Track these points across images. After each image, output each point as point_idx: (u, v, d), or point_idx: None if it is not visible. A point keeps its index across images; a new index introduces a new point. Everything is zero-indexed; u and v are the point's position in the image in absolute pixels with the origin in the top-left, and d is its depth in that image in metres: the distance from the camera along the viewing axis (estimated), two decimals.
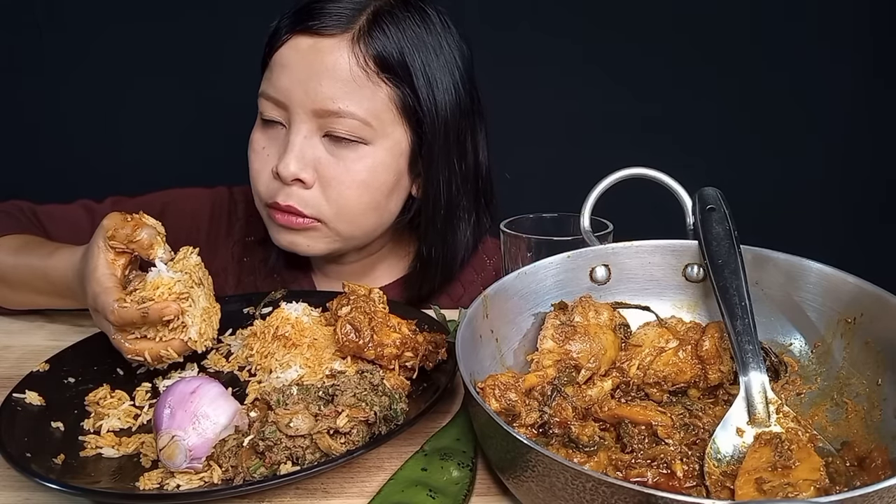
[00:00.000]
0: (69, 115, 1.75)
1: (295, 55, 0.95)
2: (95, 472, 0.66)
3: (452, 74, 1.00)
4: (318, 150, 0.96)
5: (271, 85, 0.97)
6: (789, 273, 0.74)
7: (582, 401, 0.68)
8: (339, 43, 0.94)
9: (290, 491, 0.65)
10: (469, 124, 1.05)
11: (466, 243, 1.09)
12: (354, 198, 0.98)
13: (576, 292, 0.78)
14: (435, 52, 0.98)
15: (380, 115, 0.96)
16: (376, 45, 0.94)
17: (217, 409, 0.66)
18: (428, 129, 0.99)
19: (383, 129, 0.97)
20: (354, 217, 1.00)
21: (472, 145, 1.06)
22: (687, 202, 0.77)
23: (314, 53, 0.94)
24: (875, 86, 1.89)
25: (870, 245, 1.92)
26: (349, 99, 0.94)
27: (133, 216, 0.80)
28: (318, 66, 0.94)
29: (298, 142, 0.96)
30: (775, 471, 0.58)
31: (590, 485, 0.50)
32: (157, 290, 0.75)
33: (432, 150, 1.00)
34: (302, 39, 0.95)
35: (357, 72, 0.94)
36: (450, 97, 0.99)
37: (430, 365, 0.80)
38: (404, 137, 0.99)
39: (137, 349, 0.76)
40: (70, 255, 0.87)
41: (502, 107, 1.35)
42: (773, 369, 0.72)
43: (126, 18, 1.69)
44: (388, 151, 0.98)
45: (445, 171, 1.02)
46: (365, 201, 0.99)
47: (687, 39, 1.81)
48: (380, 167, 0.98)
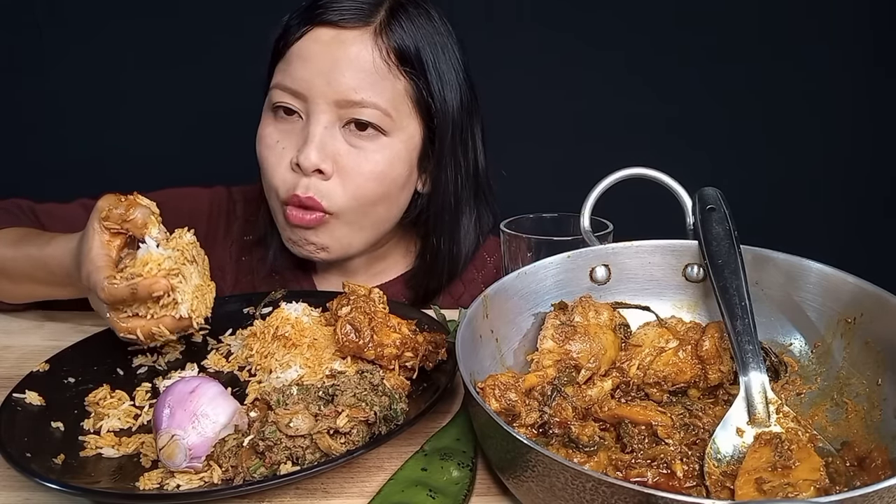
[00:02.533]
0: (67, 115, 1.75)
1: (316, 46, 0.96)
2: (95, 472, 0.66)
3: (457, 72, 1.02)
4: (339, 140, 0.97)
5: (289, 76, 0.97)
6: (789, 273, 0.74)
7: (582, 401, 0.68)
8: (362, 35, 0.96)
9: (290, 491, 0.65)
10: (471, 121, 1.07)
11: (470, 240, 1.11)
12: (371, 188, 0.99)
13: (576, 292, 0.78)
14: (443, 49, 1.01)
15: (398, 106, 0.98)
16: (396, 39, 0.97)
17: (216, 408, 0.66)
18: (439, 124, 1.01)
19: (401, 122, 0.99)
20: (368, 208, 1.01)
21: (472, 142, 1.08)
22: (687, 202, 0.77)
23: (337, 45, 0.96)
24: (875, 86, 1.89)
25: (870, 245, 1.92)
26: (372, 90, 0.96)
27: (127, 196, 0.80)
28: (342, 57, 0.95)
29: (319, 132, 0.96)
30: (775, 471, 0.58)
31: (590, 485, 0.50)
32: (146, 267, 0.75)
33: (443, 145, 1.02)
34: (323, 31, 0.96)
35: (380, 63, 0.96)
36: (455, 94, 1.02)
37: (430, 365, 0.80)
38: (417, 132, 1.01)
39: (129, 327, 0.77)
40: (67, 241, 0.87)
41: (503, 106, 1.35)
42: (773, 369, 0.72)
43: (125, 16, 1.69)
44: (404, 144, 1.00)
45: (452, 168, 1.05)
46: (380, 192, 1.00)
47: (688, 39, 1.81)
48: (396, 159, 1.00)
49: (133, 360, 0.85)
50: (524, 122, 1.72)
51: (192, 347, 0.88)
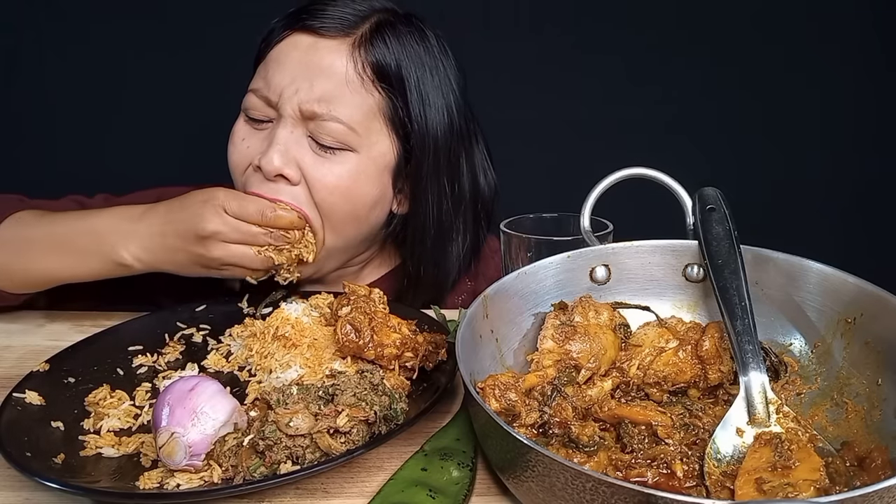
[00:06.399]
0: (60, 113, 1.75)
1: (293, 52, 0.95)
2: (95, 471, 0.66)
3: (446, 97, 0.99)
4: (304, 148, 0.95)
5: (262, 80, 0.96)
6: (789, 273, 0.74)
7: (582, 401, 0.68)
8: (339, 45, 0.94)
9: (290, 491, 0.65)
10: (463, 147, 1.04)
11: (460, 264, 1.08)
12: (336, 203, 0.96)
13: (576, 292, 0.78)
14: (431, 71, 0.98)
15: (367, 122, 0.95)
16: (376, 54, 0.95)
17: (216, 405, 0.66)
18: (416, 145, 0.98)
19: (369, 137, 0.96)
20: (337, 225, 0.98)
21: (468, 168, 1.05)
22: (687, 202, 0.77)
23: (312, 52, 0.94)
24: (875, 86, 1.89)
25: (870, 245, 1.92)
26: (338, 102, 0.93)
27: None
28: (314, 65, 0.94)
29: (284, 136, 0.94)
30: (775, 471, 0.58)
31: (590, 485, 0.50)
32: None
33: (420, 168, 0.99)
34: (302, 37, 0.95)
35: (352, 76, 0.94)
36: (441, 118, 0.99)
37: (430, 365, 0.80)
38: (390, 150, 0.98)
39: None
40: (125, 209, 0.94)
41: (503, 106, 1.35)
42: (773, 369, 0.72)
43: (123, 15, 1.69)
44: (373, 161, 0.97)
45: (435, 192, 1.01)
46: (347, 210, 0.97)
47: (688, 40, 1.81)
48: (363, 176, 0.97)
49: (133, 360, 0.85)
50: (524, 122, 1.72)
51: (191, 347, 0.89)
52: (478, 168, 1.07)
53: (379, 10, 0.98)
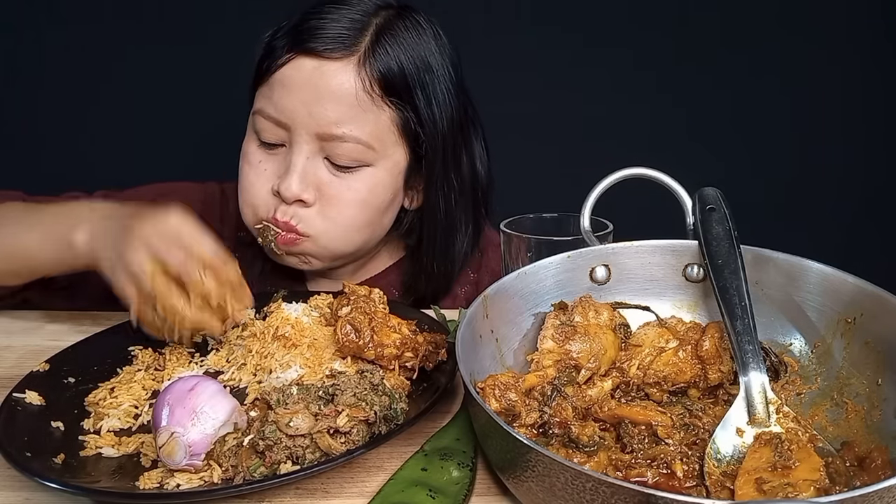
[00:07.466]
0: (59, 114, 1.75)
1: (299, 76, 0.94)
2: (95, 471, 0.66)
3: (448, 88, 1.00)
4: (321, 170, 0.96)
5: (272, 104, 0.96)
6: (789, 273, 0.74)
7: (582, 401, 0.68)
8: (345, 66, 0.94)
9: (290, 491, 0.65)
10: (463, 135, 1.04)
11: (465, 254, 1.09)
12: (352, 215, 0.98)
13: (576, 292, 0.78)
14: (432, 67, 0.98)
15: (382, 137, 0.96)
16: (381, 67, 0.94)
17: (215, 405, 0.66)
18: (428, 147, 0.99)
19: (384, 151, 0.97)
20: (347, 233, 0.99)
21: (467, 156, 1.06)
22: (687, 202, 0.77)
23: (319, 76, 0.94)
24: (875, 86, 1.89)
25: (871, 245, 1.92)
26: (353, 123, 0.94)
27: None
28: (323, 89, 0.93)
29: (301, 162, 0.95)
30: (775, 471, 0.58)
31: (590, 485, 0.50)
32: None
33: (432, 168, 1.00)
34: (305, 61, 0.94)
35: (363, 96, 0.94)
36: (446, 111, 0.99)
37: (430, 365, 0.80)
38: (403, 157, 1.00)
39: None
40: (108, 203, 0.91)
41: (503, 106, 1.35)
42: (773, 369, 0.72)
43: (121, 15, 1.69)
44: (388, 171, 0.99)
45: (444, 186, 1.03)
46: (362, 219, 0.99)
47: (687, 39, 1.81)
48: (379, 186, 0.98)
49: (133, 360, 0.85)
50: (524, 121, 1.72)
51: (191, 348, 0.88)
52: (476, 154, 1.08)
53: (373, 13, 0.97)
